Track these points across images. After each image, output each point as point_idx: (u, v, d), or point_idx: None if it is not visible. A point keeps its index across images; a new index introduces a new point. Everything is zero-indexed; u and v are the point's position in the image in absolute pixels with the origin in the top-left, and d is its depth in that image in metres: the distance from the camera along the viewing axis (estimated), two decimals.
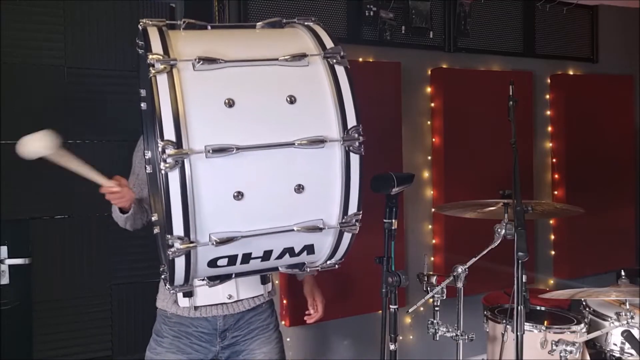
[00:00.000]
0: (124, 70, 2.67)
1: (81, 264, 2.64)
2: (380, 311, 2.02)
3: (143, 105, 1.79)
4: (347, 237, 1.46)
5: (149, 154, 1.80)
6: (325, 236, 1.45)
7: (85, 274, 2.65)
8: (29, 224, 2.55)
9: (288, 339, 3.16)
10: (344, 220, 1.41)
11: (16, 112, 2.49)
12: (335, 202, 1.40)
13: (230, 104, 1.31)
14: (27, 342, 2.54)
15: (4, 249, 2.49)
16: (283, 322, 3.11)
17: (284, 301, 3.08)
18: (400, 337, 3.28)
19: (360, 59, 3.30)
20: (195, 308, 1.92)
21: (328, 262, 1.54)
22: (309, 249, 1.47)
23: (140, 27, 1.43)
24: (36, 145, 1.56)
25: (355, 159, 1.37)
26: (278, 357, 2.05)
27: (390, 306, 1.98)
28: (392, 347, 2.02)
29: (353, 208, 1.41)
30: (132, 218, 1.91)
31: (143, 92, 1.75)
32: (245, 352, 1.99)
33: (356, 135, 1.36)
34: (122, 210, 1.88)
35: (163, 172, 1.23)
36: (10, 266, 2.49)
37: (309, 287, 2.26)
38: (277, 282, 3.08)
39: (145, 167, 1.80)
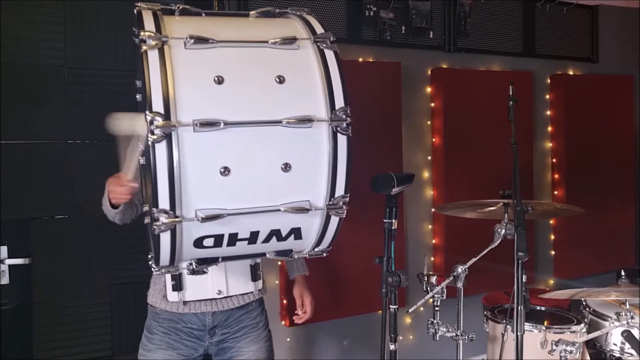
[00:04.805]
0: (124, 70, 2.67)
1: (81, 264, 2.64)
2: (380, 311, 2.02)
3: (138, 97, 1.79)
4: (334, 221, 1.46)
5: (142, 145, 1.80)
6: (312, 218, 1.45)
7: (85, 274, 2.65)
8: (29, 224, 2.55)
9: (288, 339, 3.16)
10: (331, 202, 1.42)
11: (16, 112, 2.50)
12: (322, 183, 1.40)
13: (219, 80, 1.32)
14: (27, 342, 2.54)
15: (4, 249, 2.49)
16: (283, 322, 3.12)
17: (284, 301, 3.08)
18: (400, 337, 3.28)
19: (360, 59, 3.30)
20: (185, 303, 1.91)
21: (315, 249, 1.54)
22: (296, 232, 1.47)
23: (135, 11, 1.44)
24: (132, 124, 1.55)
25: (342, 140, 1.38)
26: (266, 356, 2.04)
27: (390, 306, 1.98)
28: (392, 347, 2.02)
29: (340, 190, 1.41)
30: (122, 213, 1.91)
31: (139, 84, 1.76)
32: (234, 349, 1.98)
33: (344, 116, 1.37)
34: (113, 205, 1.87)
35: (150, 143, 1.24)
36: (10, 266, 2.49)
37: (299, 288, 2.24)
38: (277, 282, 3.08)
39: (139, 159, 1.81)
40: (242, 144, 1.33)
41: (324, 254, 1.56)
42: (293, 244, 1.52)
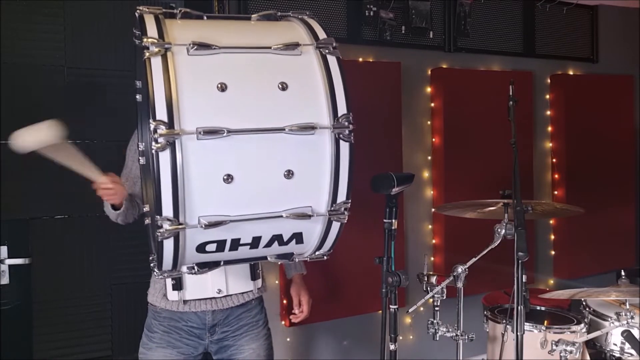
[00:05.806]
0: (124, 70, 2.67)
1: (81, 264, 2.64)
2: (380, 311, 2.02)
3: (138, 97, 1.80)
4: (335, 227, 1.47)
5: (142, 146, 1.81)
6: (314, 224, 1.45)
7: (85, 274, 2.65)
8: (29, 224, 2.55)
9: (288, 339, 3.16)
10: (332, 209, 1.42)
11: (16, 112, 2.50)
12: (324, 189, 1.41)
13: (222, 88, 1.32)
14: (27, 342, 2.54)
15: (4, 249, 2.49)
16: (283, 322, 3.12)
17: (284, 301, 3.08)
18: (400, 337, 3.27)
19: (360, 59, 3.30)
20: (185, 302, 1.93)
21: (317, 252, 1.55)
22: (298, 237, 1.48)
23: (137, 14, 1.44)
24: (31, 138, 1.55)
25: (345, 147, 1.38)
26: (266, 354, 2.06)
27: (390, 306, 1.98)
28: (392, 347, 2.02)
29: (342, 196, 1.42)
30: (124, 214, 1.95)
31: (139, 84, 1.76)
32: (234, 347, 2.00)
33: (346, 123, 1.37)
34: (114, 207, 1.91)
35: (154, 151, 1.25)
36: (10, 266, 2.49)
37: (296, 287, 2.25)
38: (277, 281, 3.08)
39: (139, 159, 1.81)
40: (245, 151, 1.33)
41: (325, 257, 1.57)
42: (294, 248, 1.52)
